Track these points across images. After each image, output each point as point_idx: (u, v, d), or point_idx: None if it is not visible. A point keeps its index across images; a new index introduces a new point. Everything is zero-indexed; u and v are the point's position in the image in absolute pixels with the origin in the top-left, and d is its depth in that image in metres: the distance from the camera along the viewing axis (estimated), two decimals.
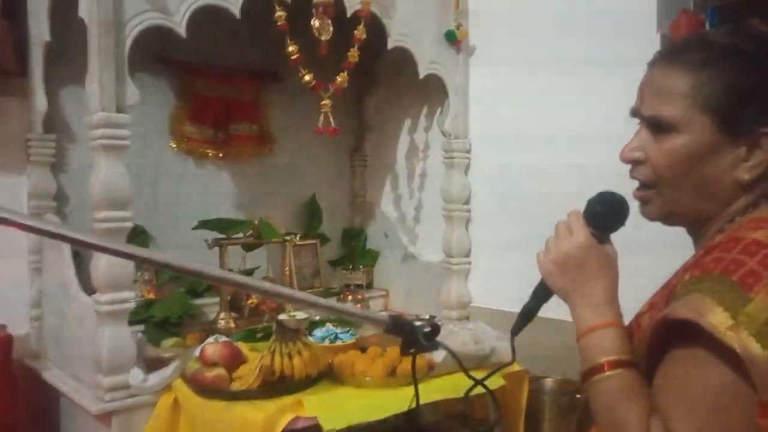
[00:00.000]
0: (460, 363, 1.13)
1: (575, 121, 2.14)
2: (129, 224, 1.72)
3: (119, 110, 1.69)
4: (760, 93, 0.84)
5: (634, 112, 0.93)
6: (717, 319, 0.72)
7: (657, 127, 0.88)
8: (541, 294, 0.97)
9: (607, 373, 0.83)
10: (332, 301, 1.02)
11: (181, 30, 1.79)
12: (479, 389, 1.12)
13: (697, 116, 0.85)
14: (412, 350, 1.09)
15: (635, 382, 0.83)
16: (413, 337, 1.07)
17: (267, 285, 0.94)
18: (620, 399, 0.81)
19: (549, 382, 2.07)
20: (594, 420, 0.86)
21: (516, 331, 1.00)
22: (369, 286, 2.79)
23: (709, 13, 2.00)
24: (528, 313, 0.99)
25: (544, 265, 0.94)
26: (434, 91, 2.52)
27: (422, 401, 1.64)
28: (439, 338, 1.05)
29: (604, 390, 0.83)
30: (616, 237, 0.96)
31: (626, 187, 0.95)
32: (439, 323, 1.10)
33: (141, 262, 1.69)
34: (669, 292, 0.86)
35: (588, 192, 1.00)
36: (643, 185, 0.92)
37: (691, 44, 0.89)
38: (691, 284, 0.78)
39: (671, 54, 0.90)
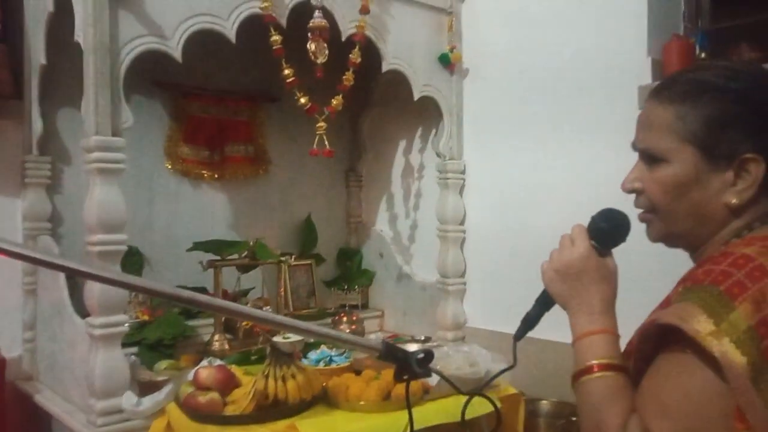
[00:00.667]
0: (456, 387, 1.13)
1: (568, 143, 2.16)
2: (123, 247, 1.72)
3: (114, 134, 1.70)
4: (740, 121, 0.88)
5: (632, 146, 0.98)
6: (701, 325, 0.77)
7: (649, 158, 0.94)
8: (544, 301, 1.02)
9: (596, 374, 0.87)
10: (325, 329, 1.02)
11: (177, 54, 1.80)
12: (477, 411, 1.12)
13: (682, 146, 0.90)
14: (405, 377, 1.10)
15: (622, 384, 0.86)
16: (406, 364, 1.08)
17: (258, 312, 0.94)
18: (605, 399, 0.85)
19: (545, 404, 2.06)
20: (579, 420, 0.90)
21: (518, 336, 1.04)
22: (364, 306, 2.79)
23: (699, 37, 2.03)
24: (530, 320, 1.04)
25: (546, 273, 0.99)
26: (429, 112, 2.54)
27: (417, 426, 1.61)
28: (433, 362, 1.05)
29: (591, 390, 0.88)
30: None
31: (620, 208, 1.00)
32: (432, 349, 1.10)
33: (138, 292, 1.69)
34: (666, 304, 0.90)
35: (582, 213, 1.04)
36: (645, 211, 0.98)
37: (675, 80, 0.95)
38: (683, 294, 0.83)
39: (658, 90, 0.95)
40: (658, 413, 0.79)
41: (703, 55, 2.00)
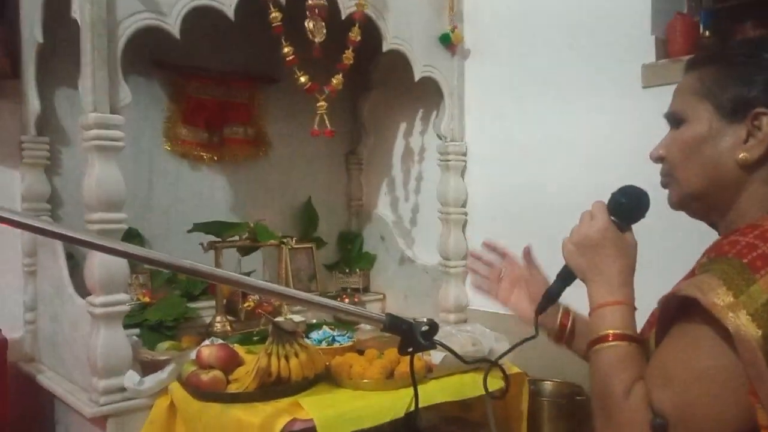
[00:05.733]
0: (461, 358, 1.13)
1: (572, 123, 2.14)
2: (123, 225, 1.71)
3: (112, 111, 1.69)
4: (752, 76, 0.89)
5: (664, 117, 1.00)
6: (719, 298, 0.76)
7: (673, 122, 0.97)
8: (564, 276, 1.03)
9: (610, 343, 0.88)
10: (330, 300, 1.01)
11: (175, 31, 1.78)
12: (478, 390, 1.12)
13: (700, 104, 0.92)
14: (410, 350, 1.09)
15: (633, 353, 0.87)
16: (411, 336, 1.07)
17: (263, 283, 0.93)
18: (614, 366, 0.86)
19: (548, 385, 2.06)
20: (590, 385, 0.91)
21: (540, 309, 1.06)
22: (366, 289, 2.78)
23: (702, 16, 2.01)
24: (552, 294, 1.05)
25: (566, 247, 0.99)
26: (430, 93, 2.52)
27: (421, 404, 1.63)
28: (436, 339, 1.05)
29: (602, 357, 0.89)
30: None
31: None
32: (436, 321, 1.09)
33: (139, 261, 1.68)
34: (690, 275, 0.90)
35: (585, 195, 1.04)
36: (664, 175, 0.98)
37: (703, 53, 1.01)
38: (706, 265, 0.83)
39: (688, 63, 0.99)
40: (661, 382, 0.80)
41: (707, 33, 1.98)
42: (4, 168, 2.14)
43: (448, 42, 2.41)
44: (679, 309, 0.82)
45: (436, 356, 1.73)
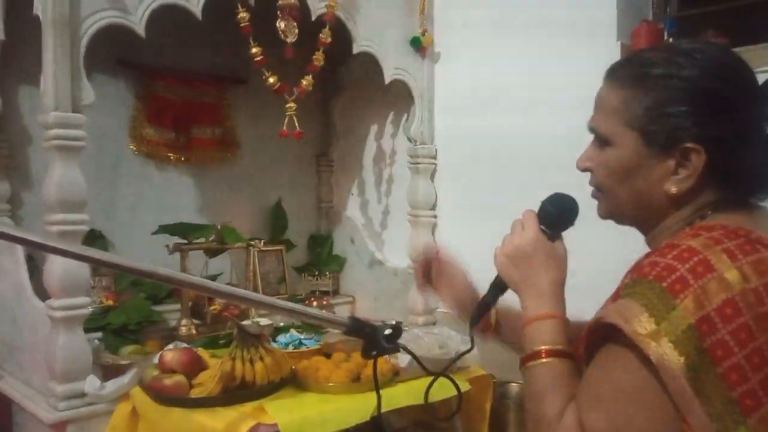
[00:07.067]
0: (421, 364, 1.12)
1: (539, 127, 2.16)
2: (84, 227, 1.67)
3: (74, 110, 1.65)
4: (682, 109, 0.85)
5: (587, 124, 0.97)
6: (641, 326, 0.76)
7: (598, 139, 0.94)
8: (497, 286, 1.03)
9: (543, 360, 0.89)
10: (292, 303, 1.00)
11: (140, 29, 1.75)
12: (445, 392, 1.11)
13: (626, 131, 0.89)
14: (373, 353, 1.08)
15: (566, 371, 0.88)
16: (374, 340, 1.06)
17: (225, 287, 0.92)
18: (548, 385, 0.87)
19: (514, 387, 2.07)
20: (524, 403, 0.93)
21: (474, 321, 1.06)
22: (336, 292, 2.77)
23: (668, 23, 2.05)
24: (485, 304, 1.06)
25: (498, 258, 1.00)
26: (400, 96, 2.52)
27: (387, 407, 1.62)
28: (403, 343, 1.04)
29: (535, 376, 0.90)
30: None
31: (588, 190, 1.00)
32: (402, 326, 1.09)
33: (100, 266, 1.64)
34: (616, 296, 0.89)
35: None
36: (594, 188, 0.98)
37: (627, 61, 0.94)
38: (628, 287, 0.83)
39: (611, 71, 0.94)
40: (592, 405, 0.81)
41: (671, 40, 2.02)
42: None
43: (419, 45, 2.42)
44: (605, 333, 0.82)
45: (402, 359, 1.72)
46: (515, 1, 2.25)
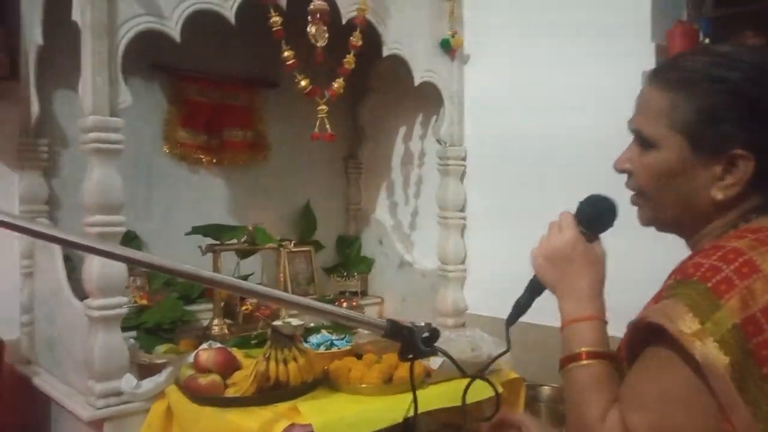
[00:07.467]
0: (459, 367, 1.13)
1: (570, 129, 2.14)
2: (122, 228, 1.70)
3: (112, 114, 1.68)
4: (732, 115, 0.85)
5: (628, 125, 0.96)
6: (686, 325, 0.76)
7: (641, 141, 0.93)
8: (533, 287, 1.02)
9: (583, 362, 0.89)
10: (332, 306, 1.01)
11: (176, 34, 1.78)
12: (478, 395, 1.11)
13: (673, 135, 0.88)
14: (410, 356, 1.09)
15: (607, 373, 0.88)
16: (412, 342, 1.07)
17: (266, 289, 0.93)
18: (589, 387, 0.87)
19: (546, 390, 2.06)
20: (564, 404, 0.92)
21: (510, 322, 1.05)
22: (364, 293, 2.78)
23: (703, 23, 2.02)
24: (521, 305, 1.04)
25: (535, 259, 1.00)
26: (429, 98, 2.52)
27: (420, 409, 1.62)
28: (437, 345, 1.05)
29: (576, 378, 0.89)
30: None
31: (621, 193, 0.98)
32: (438, 328, 1.09)
33: (137, 265, 1.67)
34: (658, 297, 0.89)
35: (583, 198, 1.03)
36: (634, 194, 0.97)
37: (673, 64, 0.93)
38: (672, 288, 0.82)
39: (656, 73, 0.94)
40: (635, 405, 0.80)
41: (707, 40, 1.99)
42: (2, 170, 2.13)
43: (448, 47, 2.42)
44: (648, 333, 0.82)
45: (434, 361, 1.72)
46: (546, 2, 2.24)
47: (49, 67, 2.10)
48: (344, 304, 2.42)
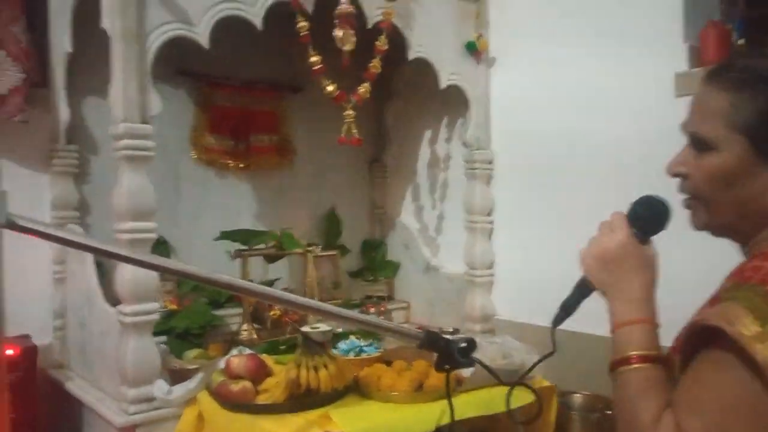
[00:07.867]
0: (497, 376, 1.11)
1: (599, 131, 2.11)
2: (153, 235, 1.71)
3: (143, 121, 1.69)
4: None
5: (682, 128, 0.94)
6: (746, 328, 0.75)
7: (698, 144, 0.91)
8: (582, 288, 0.99)
9: (634, 365, 0.86)
10: (366, 316, 1.00)
11: (204, 41, 1.79)
12: (512, 402, 1.09)
13: (733, 136, 0.86)
14: (447, 366, 1.08)
15: (659, 377, 0.86)
16: (448, 353, 1.06)
17: (303, 300, 0.93)
18: (641, 390, 0.84)
19: (578, 398, 2.03)
20: (615, 409, 0.89)
21: (556, 322, 1.01)
22: (390, 297, 2.77)
23: (736, 24, 1.97)
24: (568, 306, 1.01)
25: (585, 260, 0.97)
26: (455, 101, 2.50)
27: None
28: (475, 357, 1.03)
29: (628, 381, 0.87)
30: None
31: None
32: (474, 339, 1.08)
33: (169, 274, 1.67)
34: (714, 301, 0.87)
35: (613, 203, 1.01)
36: (689, 197, 0.94)
37: (732, 65, 0.91)
38: (730, 291, 0.81)
39: (714, 74, 0.91)
40: (691, 410, 0.78)
41: (740, 41, 1.95)
42: (33, 176, 2.15)
43: (474, 50, 2.40)
44: (705, 336, 0.80)
45: (466, 369, 1.70)
46: (573, 3, 2.21)
47: (78, 74, 2.13)
48: (372, 310, 2.42)
